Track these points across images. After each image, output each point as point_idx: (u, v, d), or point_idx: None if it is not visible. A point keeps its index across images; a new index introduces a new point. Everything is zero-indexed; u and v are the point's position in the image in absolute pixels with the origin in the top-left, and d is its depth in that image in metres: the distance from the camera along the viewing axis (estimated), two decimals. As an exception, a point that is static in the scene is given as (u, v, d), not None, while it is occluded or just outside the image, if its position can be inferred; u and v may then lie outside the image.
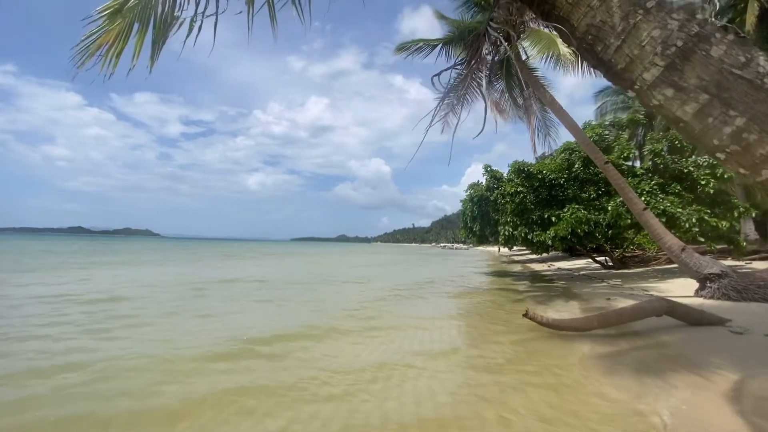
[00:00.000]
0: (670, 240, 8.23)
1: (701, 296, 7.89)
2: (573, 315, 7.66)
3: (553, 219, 12.78)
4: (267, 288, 12.56)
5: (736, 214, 11.33)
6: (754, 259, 12.79)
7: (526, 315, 5.91)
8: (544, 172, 13.74)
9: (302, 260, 31.60)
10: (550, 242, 12.97)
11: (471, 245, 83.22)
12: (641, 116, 14.69)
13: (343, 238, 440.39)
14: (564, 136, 14.27)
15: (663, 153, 12.04)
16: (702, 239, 11.08)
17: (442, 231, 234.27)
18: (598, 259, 18.58)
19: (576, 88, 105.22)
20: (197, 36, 3.12)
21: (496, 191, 15.10)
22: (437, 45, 11.39)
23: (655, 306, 5.66)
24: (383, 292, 11.48)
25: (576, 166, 13.30)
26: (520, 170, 14.38)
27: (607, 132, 13.85)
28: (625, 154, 12.72)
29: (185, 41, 3.06)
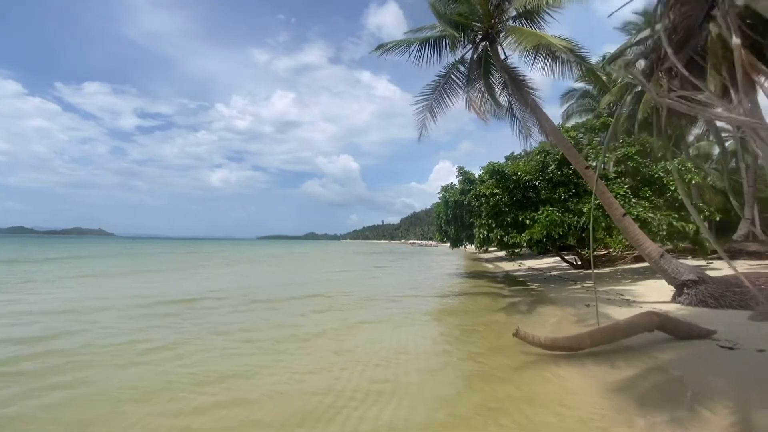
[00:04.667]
0: (650, 246, 8.19)
1: (679, 302, 7.89)
2: (557, 328, 7.43)
3: (528, 222, 12.68)
4: (257, 310, 9.72)
5: (701, 218, 11.67)
6: (715, 259, 13.29)
7: (516, 335, 5.52)
8: (519, 173, 13.62)
9: (284, 264, 30.27)
10: (525, 244, 12.88)
11: (438, 243, 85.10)
12: (612, 120, 14.89)
13: (312, 236, 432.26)
14: (538, 137, 14.18)
15: (635, 157, 12.17)
16: (669, 244, 11.31)
17: (411, 228, 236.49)
18: (567, 257, 18.92)
19: (543, 86, 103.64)
20: None
21: (469, 194, 14.88)
22: (414, 44, 10.87)
23: (647, 321, 5.43)
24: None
25: (551, 168, 13.25)
26: (495, 171, 14.22)
27: (581, 135, 13.92)
28: (600, 158, 12.79)
29: None
